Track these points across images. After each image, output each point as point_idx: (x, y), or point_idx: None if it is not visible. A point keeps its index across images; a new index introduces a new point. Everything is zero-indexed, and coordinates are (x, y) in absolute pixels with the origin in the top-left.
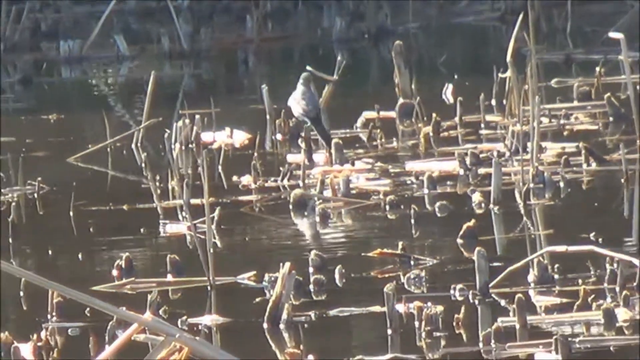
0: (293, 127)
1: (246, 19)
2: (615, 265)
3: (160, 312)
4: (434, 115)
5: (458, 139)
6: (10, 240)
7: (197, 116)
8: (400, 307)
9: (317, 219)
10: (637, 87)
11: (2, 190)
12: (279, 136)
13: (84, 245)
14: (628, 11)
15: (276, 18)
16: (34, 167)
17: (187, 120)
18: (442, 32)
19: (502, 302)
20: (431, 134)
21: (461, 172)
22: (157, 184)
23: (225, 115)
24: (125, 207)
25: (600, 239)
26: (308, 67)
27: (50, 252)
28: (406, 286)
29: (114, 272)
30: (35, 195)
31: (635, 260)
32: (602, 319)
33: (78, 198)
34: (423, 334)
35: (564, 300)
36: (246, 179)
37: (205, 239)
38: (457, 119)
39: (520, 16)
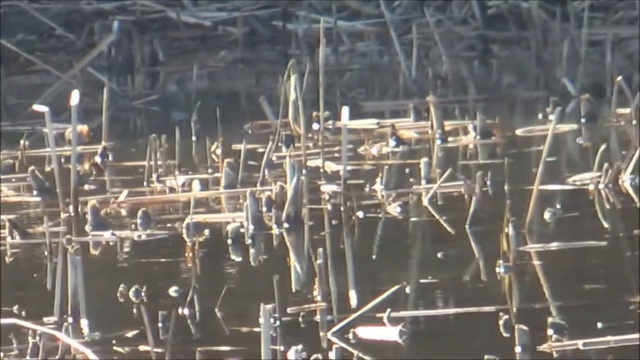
0: None
1: None
2: (37, 338)
3: None
4: None
5: None
6: None
7: None
8: None
9: None
10: (62, 159)
11: None
12: None
13: None
14: (54, 83)
15: None
16: None
17: None
18: None
19: None
20: None
21: None
22: None
23: None
24: None
25: (23, 312)
26: None
27: None
28: None
29: None
30: None
31: (57, 333)
32: None
33: None
34: None
35: None
36: None
37: None
38: None
39: None
